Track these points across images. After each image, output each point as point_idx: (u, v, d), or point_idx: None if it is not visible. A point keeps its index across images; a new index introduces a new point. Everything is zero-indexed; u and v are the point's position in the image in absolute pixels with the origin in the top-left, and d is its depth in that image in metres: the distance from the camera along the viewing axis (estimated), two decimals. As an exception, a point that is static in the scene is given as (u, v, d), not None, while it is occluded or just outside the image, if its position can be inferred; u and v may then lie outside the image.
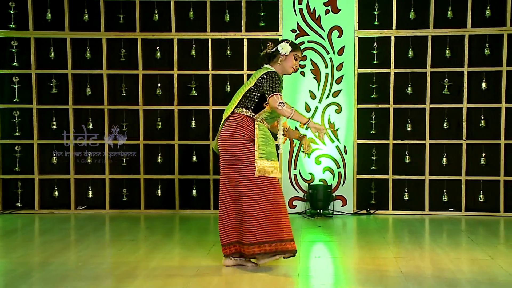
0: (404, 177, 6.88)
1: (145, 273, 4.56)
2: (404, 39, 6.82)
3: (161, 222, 6.50)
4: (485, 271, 4.56)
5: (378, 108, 6.89)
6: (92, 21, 6.94)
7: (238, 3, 6.91)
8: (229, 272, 4.57)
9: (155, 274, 4.53)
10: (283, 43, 4.67)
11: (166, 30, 6.95)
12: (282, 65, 4.67)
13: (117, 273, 4.57)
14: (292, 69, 4.71)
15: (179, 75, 6.98)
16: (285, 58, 4.65)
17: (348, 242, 5.78)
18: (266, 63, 4.72)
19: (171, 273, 4.56)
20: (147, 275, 4.50)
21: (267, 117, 4.64)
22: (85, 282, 4.35)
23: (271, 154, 4.55)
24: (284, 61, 4.66)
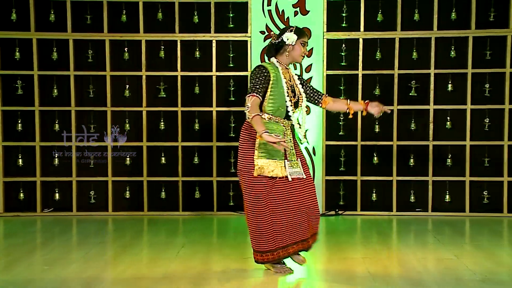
0: (372, 178, 6.94)
1: (112, 276, 4.52)
2: (372, 41, 6.88)
3: (129, 224, 6.45)
4: (451, 271, 4.62)
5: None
6: (59, 22, 6.85)
7: (207, 4, 6.90)
8: (194, 274, 4.55)
9: (123, 277, 4.49)
10: (288, 33, 4.45)
11: (134, 31, 6.90)
12: (290, 55, 4.48)
13: (84, 276, 4.52)
14: (301, 57, 4.52)
15: (147, 77, 6.94)
16: (292, 48, 4.47)
17: (317, 243, 5.77)
18: (273, 55, 4.53)
19: (139, 276, 4.52)
20: (114, 279, 4.46)
21: (272, 110, 4.43)
22: (51, 286, 4.30)
23: (274, 153, 4.38)
24: (292, 51, 4.47)
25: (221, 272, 4.60)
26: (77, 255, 5.15)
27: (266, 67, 4.42)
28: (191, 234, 6.00)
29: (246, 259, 5.00)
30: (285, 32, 4.49)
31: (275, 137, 4.13)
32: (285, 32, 4.49)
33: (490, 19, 6.80)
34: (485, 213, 6.84)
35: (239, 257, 5.09)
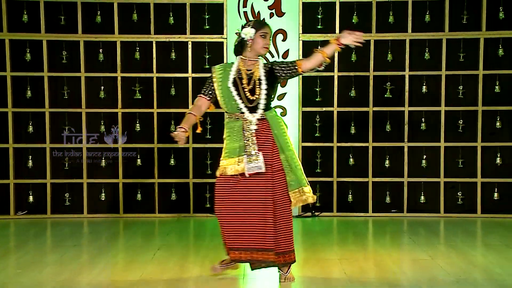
0: (348, 179, 6.97)
1: (88, 279, 4.48)
2: (347, 43, 6.90)
3: (105, 227, 6.40)
4: (425, 271, 4.66)
5: (323, 111, 6.96)
6: (32, 22, 6.78)
7: (182, 5, 6.87)
8: (171, 277, 4.53)
9: (99, 281, 4.45)
10: (245, 29, 4.46)
11: (109, 32, 6.86)
12: (253, 49, 4.48)
13: (59, 279, 4.47)
14: (264, 49, 4.50)
15: (122, 78, 6.89)
16: (252, 41, 4.46)
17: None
18: (239, 54, 4.55)
19: (115, 278, 4.49)
20: (90, 281, 4.43)
21: (225, 107, 4.50)
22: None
23: (232, 151, 4.40)
24: (253, 45, 4.47)
25: (198, 275, 4.59)
26: (52, 258, 5.10)
27: (213, 68, 4.58)
28: (167, 237, 5.98)
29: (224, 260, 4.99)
30: (243, 29, 4.49)
31: (176, 132, 4.31)
32: (244, 28, 4.50)
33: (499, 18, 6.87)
34: (459, 213, 6.91)
35: (216, 259, 5.07)
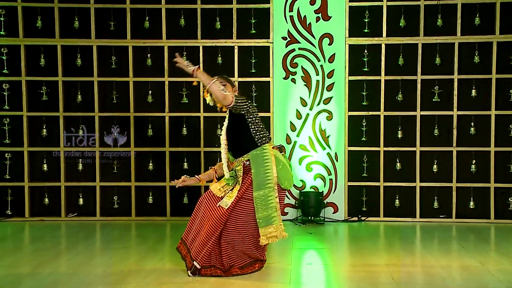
0: (395, 184, 6.90)
1: (136, 281, 4.54)
2: (394, 47, 6.86)
3: (152, 230, 6.47)
4: (475, 278, 4.57)
5: (369, 115, 6.91)
6: (83, 29, 6.92)
7: (229, 10, 6.92)
8: (219, 280, 4.55)
9: (147, 282, 4.51)
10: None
11: (157, 37, 6.95)
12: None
13: (108, 281, 4.55)
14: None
15: (170, 82, 6.97)
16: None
17: (340, 249, 5.79)
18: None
19: (163, 281, 4.54)
20: (138, 283, 4.48)
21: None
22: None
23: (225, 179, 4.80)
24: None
25: (244, 279, 4.60)
26: (101, 260, 5.18)
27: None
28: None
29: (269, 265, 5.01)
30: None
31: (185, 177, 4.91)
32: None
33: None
34: (510, 220, 6.76)
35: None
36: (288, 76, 6.87)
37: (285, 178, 4.62)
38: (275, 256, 5.42)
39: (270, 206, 4.59)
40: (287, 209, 6.90)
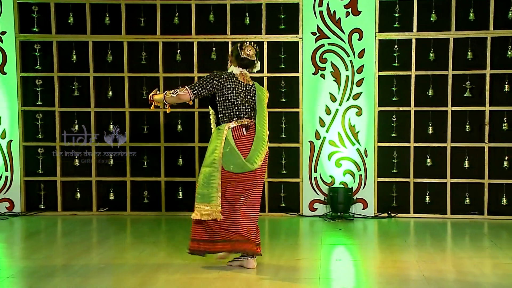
0: (425, 180, 6.84)
1: (166, 275, 4.58)
2: (425, 42, 6.78)
3: (182, 225, 6.52)
4: (509, 275, 4.52)
5: (399, 110, 6.86)
6: (114, 25, 6.98)
7: (258, 6, 6.92)
8: (249, 275, 4.56)
9: (176, 277, 4.54)
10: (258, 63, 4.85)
11: (186, 33, 6.98)
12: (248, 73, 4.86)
13: (139, 275, 4.59)
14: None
15: (199, 78, 6.98)
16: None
17: (369, 245, 5.76)
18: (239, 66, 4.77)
19: (192, 275, 4.57)
20: (168, 278, 4.52)
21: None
22: (106, 284, 4.38)
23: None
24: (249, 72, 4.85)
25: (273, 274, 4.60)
26: (132, 254, 5.23)
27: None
28: (243, 235, 6.02)
29: (298, 260, 5.01)
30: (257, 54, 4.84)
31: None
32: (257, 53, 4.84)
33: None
34: (543, 216, 6.67)
35: (291, 258, 5.10)
36: (317, 72, 6.85)
37: (230, 162, 4.58)
38: (305, 252, 5.43)
39: (211, 185, 4.60)
40: (316, 205, 6.88)
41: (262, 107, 4.75)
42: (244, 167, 4.59)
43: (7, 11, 6.85)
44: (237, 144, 4.60)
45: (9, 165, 6.94)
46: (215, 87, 4.64)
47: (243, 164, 4.58)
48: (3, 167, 6.94)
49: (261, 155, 4.63)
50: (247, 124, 4.68)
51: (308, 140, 6.89)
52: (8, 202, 6.95)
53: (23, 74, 6.98)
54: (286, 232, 6.19)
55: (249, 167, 4.59)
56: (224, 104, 4.65)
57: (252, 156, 4.60)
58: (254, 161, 4.60)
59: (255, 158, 4.60)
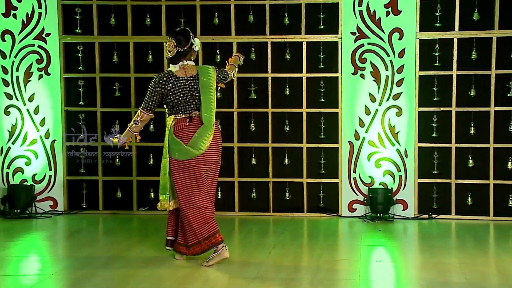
0: (467, 181, 6.73)
1: (205, 275, 4.61)
2: (467, 41, 6.68)
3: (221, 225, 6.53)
4: (554, 279, 4.43)
5: (440, 111, 6.77)
6: (154, 26, 7.05)
7: (297, 6, 6.91)
8: (287, 275, 4.56)
9: (216, 276, 4.57)
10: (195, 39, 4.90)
11: (226, 34, 7.01)
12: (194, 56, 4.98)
13: (180, 274, 4.64)
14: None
15: (238, 78, 7.02)
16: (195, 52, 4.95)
17: (410, 246, 5.70)
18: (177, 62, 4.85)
19: (231, 275, 4.60)
20: (207, 277, 4.55)
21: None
22: (148, 283, 4.44)
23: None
24: (195, 54, 4.98)
25: (312, 275, 4.60)
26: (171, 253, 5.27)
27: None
28: (282, 236, 6.03)
29: (338, 261, 4.99)
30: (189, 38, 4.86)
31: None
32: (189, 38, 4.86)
33: None
34: None
35: (330, 259, 5.08)
36: (356, 72, 6.81)
37: (175, 150, 4.80)
38: (344, 253, 5.41)
39: (165, 176, 4.89)
40: (355, 206, 6.85)
41: (208, 93, 4.86)
42: (188, 153, 4.77)
43: (51, 13, 6.98)
44: (180, 133, 4.80)
45: (53, 164, 7.07)
46: (161, 92, 4.82)
47: (186, 150, 4.77)
48: (46, 166, 7.08)
49: (206, 141, 4.79)
50: (191, 116, 4.85)
51: (347, 140, 6.85)
52: (52, 200, 7.09)
53: (66, 75, 7.11)
54: (325, 233, 6.17)
55: (193, 152, 4.76)
56: (169, 105, 4.87)
57: (196, 142, 4.77)
58: (199, 147, 4.77)
59: (199, 144, 4.77)
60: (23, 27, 6.99)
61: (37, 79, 7.05)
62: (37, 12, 6.96)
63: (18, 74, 7.04)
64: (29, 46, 7.01)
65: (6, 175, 7.08)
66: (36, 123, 7.07)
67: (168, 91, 4.80)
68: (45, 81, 7.06)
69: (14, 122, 7.08)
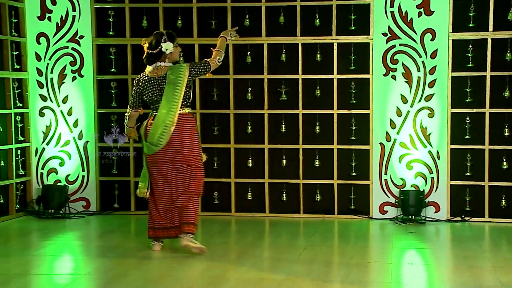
0: (501, 184, 6.63)
1: (237, 275, 4.63)
2: (501, 41, 6.59)
3: (251, 226, 6.56)
4: None
5: (473, 112, 6.69)
6: (185, 27, 7.08)
7: (328, 7, 6.89)
8: (319, 276, 4.56)
9: (247, 277, 4.58)
10: (164, 43, 5.14)
11: (256, 35, 7.02)
12: (170, 58, 5.24)
13: (211, 274, 4.66)
14: (179, 55, 5.43)
15: (269, 80, 7.03)
16: (171, 54, 5.19)
17: (442, 249, 5.65)
18: (151, 63, 5.21)
19: (262, 276, 4.60)
20: (239, 278, 4.57)
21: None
22: (180, 283, 4.47)
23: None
24: (171, 56, 5.22)
25: (344, 277, 4.58)
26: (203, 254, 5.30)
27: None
28: (312, 237, 6.03)
29: (369, 263, 4.97)
30: (159, 41, 5.15)
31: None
32: (158, 40, 5.16)
33: None
34: None
35: (362, 260, 5.06)
36: (388, 73, 6.76)
37: (143, 145, 5.26)
38: (375, 255, 5.38)
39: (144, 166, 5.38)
40: (386, 208, 6.80)
41: (172, 90, 5.13)
42: (149, 147, 5.16)
43: (84, 15, 7.07)
44: (146, 129, 5.22)
45: (85, 165, 7.17)
46: (138, 92, 5.28)
47: (147, 145, 5.18)
48: (80, 167, 7.18)
49: (163, 137, 5.09)
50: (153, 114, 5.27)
51: (378, 142, 6.81)
52: (85, 201, 7.18)
53: (99, 77, 7.19)
54: (356, 235, 6.14)
55: (153, 148, 5.14)
56: (147, 103, 5.32)
57: (152, 138, 5.13)
58: (157, 142, 5.11)
59: (156, 139, 5.11)
60: (57, 29, 7.10)
61: (70, 81, 7.15)
62: (71, 15, 7.07)
63: (52, 76, 7.16)
64: (63, 49, 7.12)
65: (41, 176, 7.20)
66: (69, 124, 7.18)
67: (142, 91, 5.25)
68: (78, 83, 7.16)
69: (48, 123, 7.19)
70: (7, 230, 6.44)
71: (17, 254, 5.38)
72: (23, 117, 7.16)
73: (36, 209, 7.05)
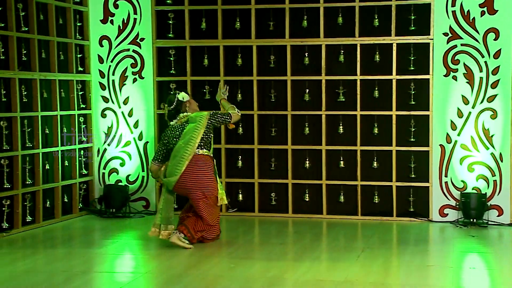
0: None
1: (295, 277, 4.63)
2: None
3: (308, 227, 6.55)
4: None
5: (539, 113, 6.50)
6: (244, 29, 7.14)
7: (387, 7, 6.81)
8: (377, 280, 4.51)
9: (305, 279, 4.58)
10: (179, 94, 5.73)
11: (314, 36, 7.00)
12: (190, 108, 5.75)
13: (269, 275, 4.67)
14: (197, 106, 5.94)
15: (327, 81, 7.01)
16: (189, 102, 5.73)
17: (506, 254, 5.50)
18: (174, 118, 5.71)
19: (320, 278, 4.59)
20: (297, 280, 4.57)
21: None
22: (237, 283, 4.50)
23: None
24: (190, 105, 5.74)
25: (404, 280, 4.53)
26: (260, 254, 5.34)
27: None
28: (371, 239, 5.97)
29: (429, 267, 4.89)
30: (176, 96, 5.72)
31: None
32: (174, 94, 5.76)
33: None
34: None
35: (422, 264, 4.99)
36: (449, 73, 6.64)
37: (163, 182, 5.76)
38: (435, 258, 5.30)
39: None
40: (447, 211, 6.67)
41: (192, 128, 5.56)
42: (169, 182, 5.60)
43: (145, 18, 7.21)
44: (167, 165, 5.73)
45: (145, 165, 7.30)
46: (165, 143, 5.68)
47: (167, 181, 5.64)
48: (140, 167, 7.31)
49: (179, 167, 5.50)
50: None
51: (438, 143, 6.69)
52: (145, 201, 7.31)
53: (158, 79, 7.32)
54: (415, 237, 6.05)
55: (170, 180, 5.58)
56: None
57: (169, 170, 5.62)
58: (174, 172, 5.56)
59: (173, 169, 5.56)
60: (119, 32, 7.26)
61: (131, 83, 7.30)
62: (132, 18, 7.22)
63: (114, 78, 7.33)
64: (124, 51, 7.27)
65: (103, 176, 7.38)
66: (130, 125, 7.32)
67: (168, 140, 5.68)
68: (139, 85, 7.30)
69: (110, 124, 7.36)
70: (71, 228, 6.63)
71: (80, 252, 5.53)
72: (86, 118, 7.35)
73: (98, 208, 7.22)
